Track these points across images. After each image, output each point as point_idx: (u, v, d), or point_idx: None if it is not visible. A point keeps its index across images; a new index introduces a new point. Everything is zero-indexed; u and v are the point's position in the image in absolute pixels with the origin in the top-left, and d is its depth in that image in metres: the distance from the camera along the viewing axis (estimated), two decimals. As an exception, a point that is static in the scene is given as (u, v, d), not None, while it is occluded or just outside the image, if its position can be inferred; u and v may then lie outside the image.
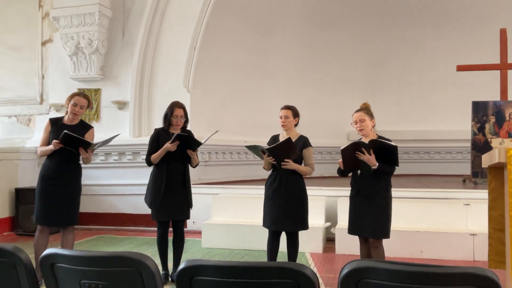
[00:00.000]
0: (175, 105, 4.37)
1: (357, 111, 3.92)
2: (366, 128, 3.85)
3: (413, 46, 10.69)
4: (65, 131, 3.99)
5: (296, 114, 4.25)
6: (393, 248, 5.07)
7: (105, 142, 4.26)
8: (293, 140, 4.08)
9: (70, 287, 1.86)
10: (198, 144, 4.26)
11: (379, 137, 3.82)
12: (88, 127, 4.39)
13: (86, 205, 7.48)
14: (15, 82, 8.22)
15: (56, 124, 4.25)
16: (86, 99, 4.31)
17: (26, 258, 1.94)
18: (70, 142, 4.03)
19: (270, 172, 4.27)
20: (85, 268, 1.79)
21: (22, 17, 8.21)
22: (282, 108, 4.26)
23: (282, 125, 4.22)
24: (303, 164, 4.18)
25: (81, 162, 4.31)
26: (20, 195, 6.96)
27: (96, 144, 4.12)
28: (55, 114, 7.52)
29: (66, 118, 4.30)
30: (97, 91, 7.66)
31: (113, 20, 7.63)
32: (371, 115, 3.90)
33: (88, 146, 4.08)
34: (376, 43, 10.66)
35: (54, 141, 4.05)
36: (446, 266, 1.44)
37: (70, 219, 4.22)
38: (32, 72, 8.13)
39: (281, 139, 4.20)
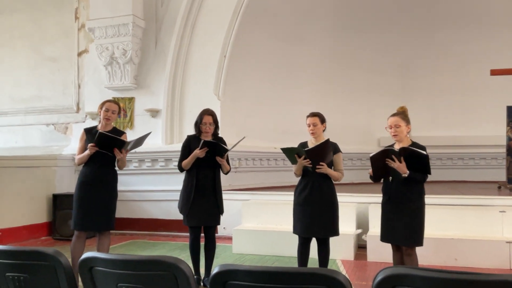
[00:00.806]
0: (204, 113, 4.45)
1: (394, 115, 3.84)
2: (401, 134, 3.76)
3: (444, 51, 10.50)
4: (99, 131, 4.12)
5: (323, 120, 4.24)
6: (426, 256, 4.98)
7: (138, 141, 4.31)
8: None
9: (107, 290, 1.92)
10: (225, 150, 4.30)
11: (413, 143, 3.75)
12: (121, 133, 4.48)
13: (120, 211, 7.61)
14: (52, 91, 8.51)
15: (90, 133, 4.37)
16: (116, 104, 4.45)
17: (65, 261, 2.00)
18: (104, 143, 4.13)
19: (298, 179, 4.26)
20: (122, 271, 1.84)
21: (59, 29, 8.51)
22: (308, 116, 4.24)
23: (312, 133, 4.21)
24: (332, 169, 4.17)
25: (116, 168, 4.42)
26: (58, 201, 7.18)
27: (129, 143, 4.21)
28: (90, 122, 7.74)
29: (99, 126, 4.42)
30: (131, 99, 7.85)
31: (146, 30, 7.81)
32: (407, 121, 3.80)
33: (122, 145, 4.18)
34: (406, 48, 10.52)
35: (89, 144, 4.16)
36: (482, 274, 1.42)
37: (107, 224, 4.32)
38: (69, 81, 8.40)
39: (310, 145, 4.20)
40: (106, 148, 4.16)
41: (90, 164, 4.27)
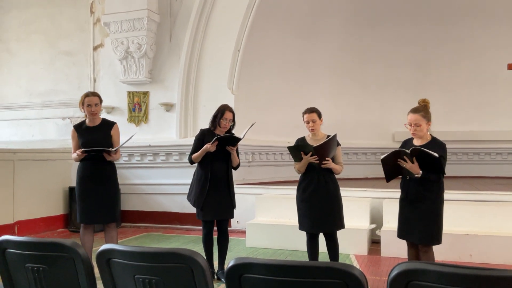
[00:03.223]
0: (227, 108, 4.44)
1: (414, 112, 3.69)
2: (420, 132, 3.66)
3: (461, 45, 10.35)
4: (83, 149, 4.20)
5: (320, 115, 4.22)
6: (441, 251, 4.94)
7: (124, 143, 4.38)
8: (324, 140, 4.08)
9: (125, 281, 1.94)
10: (238, 139, 4.31)
11: (433, 139, 3.70)
12: (111, 124, 4.49)
13: (135, 204, 7.75)
14: (68, 85, 8.59)
15: (80, 129, 4.42)
16: (96, 96, 4.43)
17: (84, 253, 2.03)
18: (93, 153, 4.24)
19: (300, 175, 4.24)
20: (139, 263, 1.86)
21: (74, 23, 8.58)
22: (305, 113, 4.21)
23: (311, 130, 4.19)
24: None
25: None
26: (73, 194, 7.23)
27: (115, 149, 4.25)
28: (105, 116, 7.78)
29: (87, 121, 4.44)
30: (146, 93, 7.90)
31: (161, 24, 7.84)
32: (428, 118, 3.67)
33: (108, 152, 4.23)
34: (422, 42, 10.40)
35: (78, 151, 4.25)
36: (500, 269, 1.40)
37: (110, 216, 4.38)
38: (84, 75, 8.47)
39: (308, 141, 4.20)
40: (96, 152, 4.25)
41: (88, 159, 4.32)
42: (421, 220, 3.64)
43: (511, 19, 9.98)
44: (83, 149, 4.21)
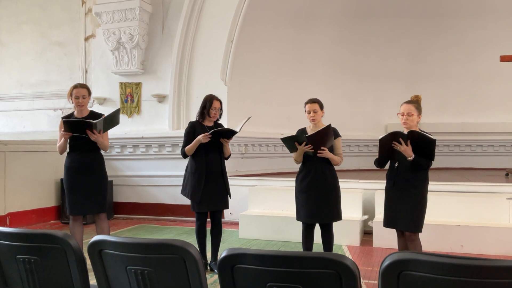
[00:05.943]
0: (214, 97, 4.45)
1: (407, 102, 3.81)
2: (411, 123, 3.74)
3: (454, 37, 10.36)
4: (62, 119, 4.16)
5: (322, 106, 4.23)
6: (432, 242, 5.00)
7: (109, 120, 4.21)
8: None
9: (117, 273, 1.94)
10: (234, 133, 4.32)
11: (421, 131, 3.76)
12: (98, 116, 4.40)
13: (128, 195, 7.73)
14: (59, 76, 8.52)
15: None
16: (84, 88, 4.38)
17: (75, 244, 2.02)
18: (74, 128, 4.13)
19: (299, 166, 4.24)
20: (132, 254, 1.86)
21: (66, 14, 8.48)
22: (307, 103, 4.22)
23: (312, 120, 4.19)
24: None
25: (102, 152, 4.45)
26: (65, 185, 7.24)
27: (96, 122, 4.10)
28: (97, 107, 7.76)
29: (75, 113, 4.42)
30: (138, 84, 7.85)
31: (153, 15, 7.77)
32: (420, 111, 3.79)
33: (90, 126, 4.10)
34: (416, 34, 10.39)
35: (61, 132, 4.20)
36: (490, 259, 1.42)
37: (98, 206, 4.37)
38: (76, 66, 8.40)
39: (309, 132, 4.20)
40: (79, 131, 4.15)
41: (74, 150, 4.32)
42: (409, 207, 3.71)
43: (504, 11, 9.99)
44: (63, 123, 4.13)
